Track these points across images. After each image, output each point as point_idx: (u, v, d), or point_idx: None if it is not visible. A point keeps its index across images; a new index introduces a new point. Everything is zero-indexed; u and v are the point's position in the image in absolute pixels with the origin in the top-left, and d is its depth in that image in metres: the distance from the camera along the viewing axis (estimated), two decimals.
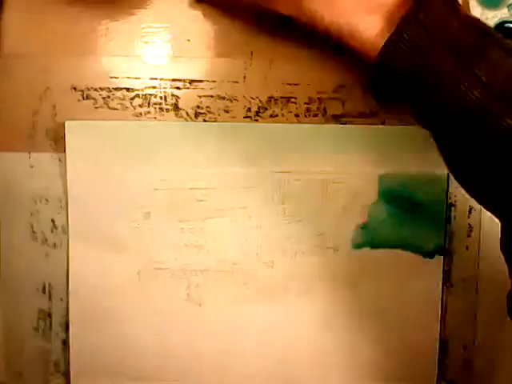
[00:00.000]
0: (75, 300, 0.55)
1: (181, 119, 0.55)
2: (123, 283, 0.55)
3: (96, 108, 0.55)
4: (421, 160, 0.54)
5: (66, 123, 0.53)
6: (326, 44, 0.54)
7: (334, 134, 0.55)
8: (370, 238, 0.55)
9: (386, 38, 0.40)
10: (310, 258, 0.55)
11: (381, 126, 0.55)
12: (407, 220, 0.55)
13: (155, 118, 0.55)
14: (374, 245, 0.55)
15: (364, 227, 0.55)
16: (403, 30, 0.40)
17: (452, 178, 0.44)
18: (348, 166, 0.55)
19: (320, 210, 0.55)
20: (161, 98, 0.55)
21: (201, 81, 0.55)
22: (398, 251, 0.55)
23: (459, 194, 0.55)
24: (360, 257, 0.55)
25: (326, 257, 0.55)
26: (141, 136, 0.54)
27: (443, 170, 0.54)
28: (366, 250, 0.55)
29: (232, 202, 0.55)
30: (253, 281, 0.55)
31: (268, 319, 0.55)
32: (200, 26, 0.55)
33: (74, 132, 0.54)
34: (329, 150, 0.55)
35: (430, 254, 0.55)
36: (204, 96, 0.55)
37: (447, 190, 0.55)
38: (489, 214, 0.55)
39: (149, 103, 0.55)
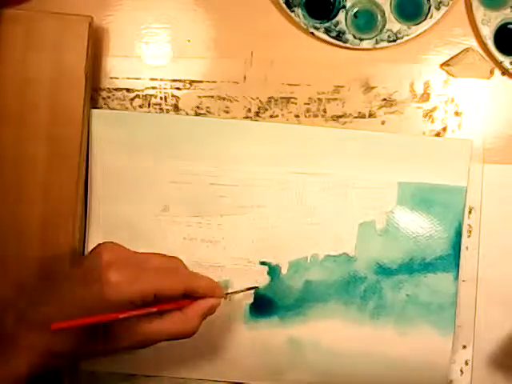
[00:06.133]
0: None
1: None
2: None
3: (96, 109, 0.55)
4: (441, 170, 0.55)
5: (92, 111, 0.54)
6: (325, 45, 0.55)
7: (357, 140, 0.55)
8: (387, 244, 0.55)
9: None
10: (325, 262, 0.55)
11: (403, 136, 0.55)
12: (423, 228, 0.55)
13: None
14: (390, 251, 0.55)
15: (382, 234, 0.55)
16: None
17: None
18: (368, 171, 0.55)
19: (338, 214, 0.55)
20: (161, 98, 0.55)
21: (201, 81, 0.55)
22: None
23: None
24: (377, 264, 0.55)
25: (342, 261, 0.55)
26: (164, 129, 0.54)
27: (462, 182, 0.55)
28: (383, 257, 0.55)
29: (252, 200, 0.55)
30: (266, 281, 0.55)
31: None
32: (200, 27, 0.55)
33: (100, 121, 0.54)
34: (351, 154, 0.55)
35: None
36: (204, 96, 0.55)
37: (465, 202, 0.55)
38: (489, 214, 0.56)
39: (149, 104, 0.55)
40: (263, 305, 0.55)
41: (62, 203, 0.52)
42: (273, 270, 0.55)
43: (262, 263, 0.55)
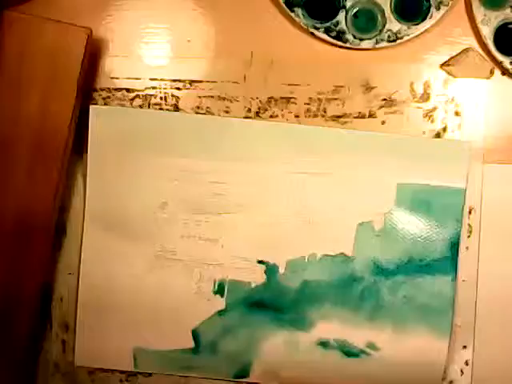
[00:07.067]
0: (85, 286, 0.55)
1: None
2: (135, 271, 0.55)
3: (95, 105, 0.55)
4: (439, 172, 0.54)
5: (91, 107, 0.54)
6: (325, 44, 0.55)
7: (357, 140, 0.55)
8: (385, 245, 0.55)
9: None
10: (323, 262, 0.55)
11: (403, 136, 0.55)
12: (421, 229, 0.55)
13: None
14: (388, 252, 0.55)
15: (380, 234, 0.55)
16: None
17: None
18: (367, 171, 0.55)
19: (337, 214, 0.55)
20: (161, 98, 0.55)
21: (201, 81, 0.55)
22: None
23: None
24: (375, 264, 0.55)
25: (339, 261, 0.55)
26: (164, 126, 0.55)
27: (461, 184, 0.54)
28: (380, 258, 0.55)
29: (250, 199, 0.55)
30: (263, 280, 0.55)
31: None
32: (200, 26, 0.55)
33: (98, 117, 0.54)
34: (351, 154, 0.55)
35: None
36: (204, 96, 0.55)
37: (463, 204, 0.55)
38: (489, 214, 0.55)
39: (149, 104, 0.55)
40: (260, 304, 0.55)
41: (40, 203, 0.52)
42: (270, 269, 0.55)
43: (260, 262, 0.55)
